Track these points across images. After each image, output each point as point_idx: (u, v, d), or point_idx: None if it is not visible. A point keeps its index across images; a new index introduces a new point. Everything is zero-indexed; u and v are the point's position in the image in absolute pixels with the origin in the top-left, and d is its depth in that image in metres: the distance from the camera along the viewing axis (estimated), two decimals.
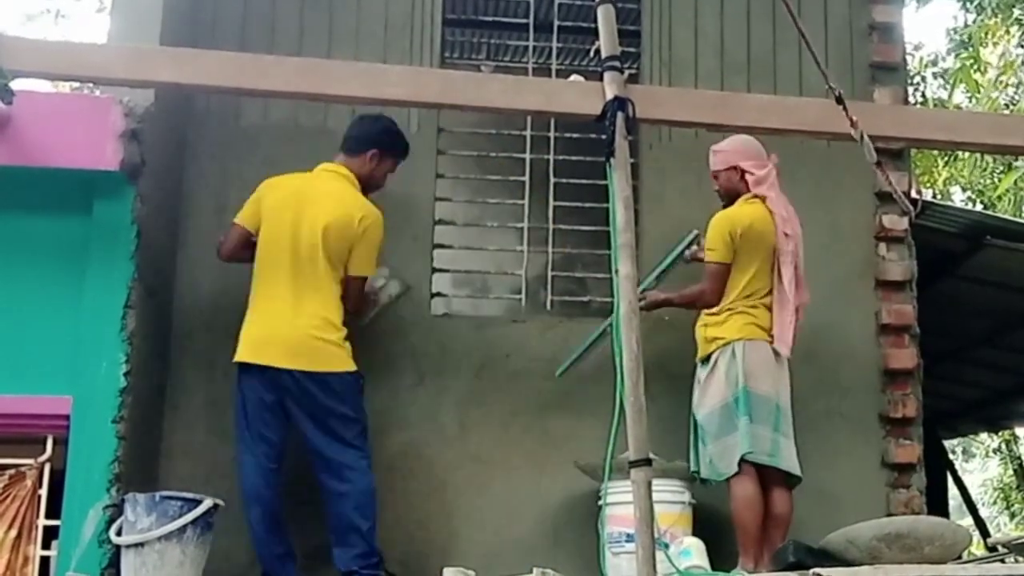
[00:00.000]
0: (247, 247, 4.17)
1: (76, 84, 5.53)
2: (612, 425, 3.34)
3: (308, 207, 4.08)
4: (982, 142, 4.22)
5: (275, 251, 4.08)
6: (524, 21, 5.22)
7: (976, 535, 9.59)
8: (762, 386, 4.09)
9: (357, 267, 4.11)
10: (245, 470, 4.04)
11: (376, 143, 4.24)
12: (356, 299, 4.18)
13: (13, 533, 3.80)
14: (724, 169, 4.34)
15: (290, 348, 3.99)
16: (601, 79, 3.53)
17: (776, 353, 4.15)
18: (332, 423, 3.99)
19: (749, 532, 3.98)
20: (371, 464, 4.01)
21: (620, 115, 3.44)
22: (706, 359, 4.21)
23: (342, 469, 3.97)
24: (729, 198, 4.37)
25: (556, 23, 5.19)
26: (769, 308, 4.19)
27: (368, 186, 4.25)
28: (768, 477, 4.07)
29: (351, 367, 4.04)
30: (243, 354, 4.05)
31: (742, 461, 4.01)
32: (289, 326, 4.00)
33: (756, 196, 4.25)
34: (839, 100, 3.60)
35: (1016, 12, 12.04)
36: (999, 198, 11.66)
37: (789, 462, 4.10)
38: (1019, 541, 3.94)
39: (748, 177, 4.27)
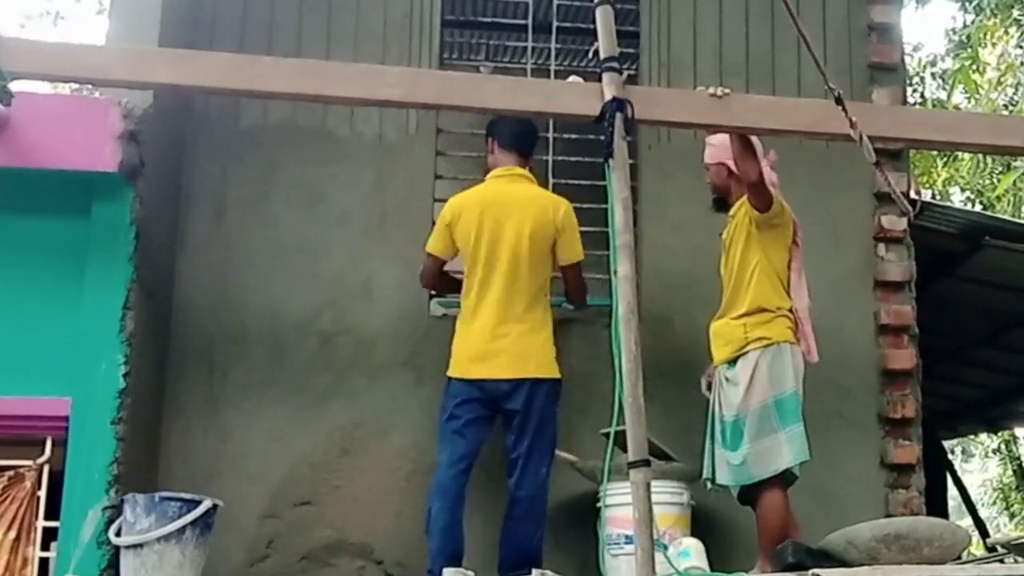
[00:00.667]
0: (444, 275, 4.31)
1: (75, 85, 5.52)
2: (611, 426, 3.34)
3: (506, 216, 4.15)
4: (981, 143, 4.22)
5: (478, 264, 4.14)
6: (523, 22, 5.22)
7: (975, 535, 9.59)
8: (800, 391, 4.03)
9: (569, 255, 4.22)
10: (440, 468, 4.07)
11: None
12: (577, 287, 4.31)
13: (12, 535, 3.80)
14: (714, 164, 4.26)
15: (505, 357, 4.05)
16: (600, 80, 3.54)
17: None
18: (531, 431, 4.03)
19: (776, 537, 3.86)
20: (550, 472, 4.05)
21: (619, 116, 3.44)
22: (736, 359, 4.03)
23: (527, 475, 4.00)
24: (719, 193, 4.29)
25: (555, 24, 5.19)
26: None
27: None
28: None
29: (557, 374, 4.12)
30: (464, 369, 4.11)
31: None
32: (503, 335, 4.07)
33: None
34: (839, 101, 3.60)
35: (1015, 13, 12.04)
36: (998, 198, 11.65)
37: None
38: (1018, 541, 3.93)
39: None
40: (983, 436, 15.13)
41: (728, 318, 4.14)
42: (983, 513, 13.42)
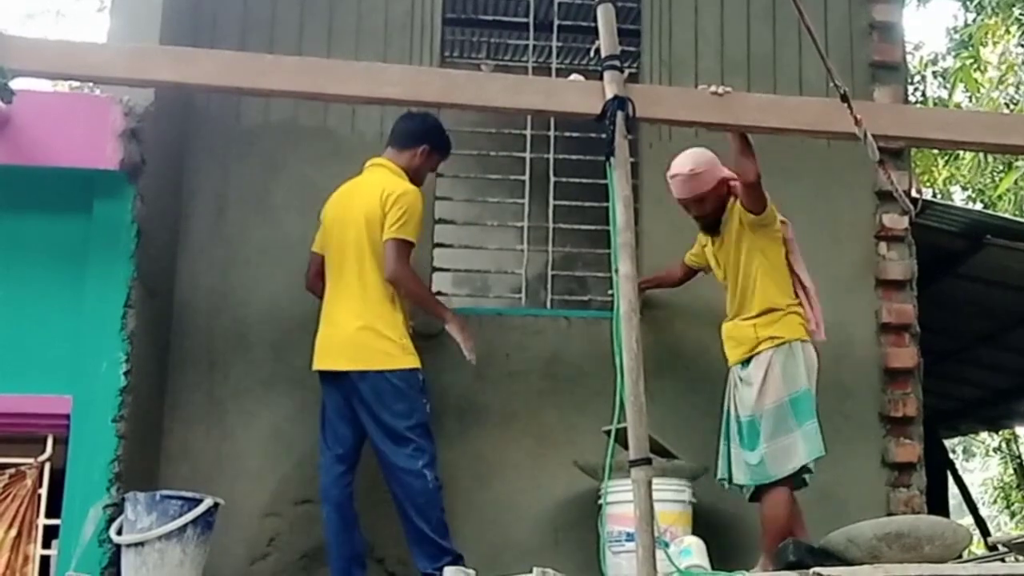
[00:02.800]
0: (317, 270, 4.24)
1: (76, 83, 5.52)
2: (611, 425, 3.34)
3: (350, 207, 4.14)
4: (982, 141, 4.22)
5: (330, 258, 4.17)
6: (524, 20, 5.23)
7: (976, 534, 9.58)
8: (814, 388, 4.05)
9: (387, 231, 4.02)
10: (320, 470, 4.12)
11: (426, 139, 4.24)
12: (391, 266, 4.00)
13: (13, 532, 3.80)
14: (714, 187, 4.12)
15: (343, 349, 4.04)
16: (601, 78, 3.54)
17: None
18: (385, 423, 3.99)
19: (781, 535, 3.88)
20: (431, 463, 3.96)
21: (620, 114, 3.44)
22: (751, 359, 4.04)
23: (396, 470, 3.98)
24: (716, 214, 4.17)
25: (556, 22, 5.19)
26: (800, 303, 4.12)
27: (412, 182, 4.23)
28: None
29: (402, 365, 4.00)
30: (314, 361, 4.13)
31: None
32: (342, 328, 4.05)
33: None
34: (844, 98, 3.60)
35: (1016, 11, 12.01)
36: (999, 197, 11.64)
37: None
38: (1019, 540, 3.93)
39: (733, 185, 4.14)
40: (984, 435, 15.13)
41: (739, 319, 4.14)
42: (984, 512, 13.40)
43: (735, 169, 4.00)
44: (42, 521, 3.87)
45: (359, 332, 4.01)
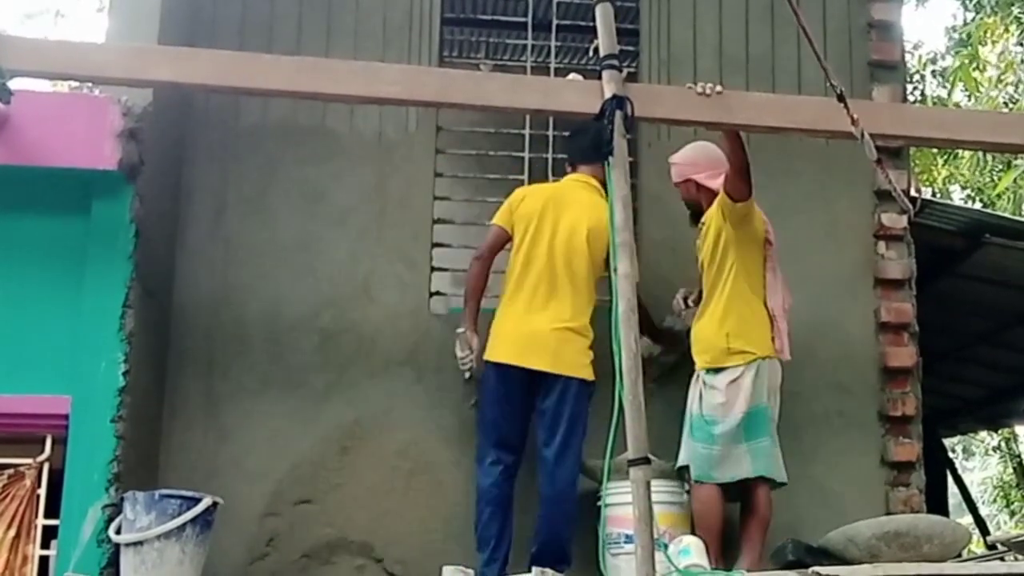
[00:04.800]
0: (499, 247, 4.36)
1: (74, 83, 5.51)
2: (611, 425, 3.34)
3: (565, 214, 4.24)
4: (981, 140, 4.21)
5: (533, 256, 4.23)
6: (523, 20, 5.22)
7: (976, 533, 9.59)
8: (773, 403, 4.10)
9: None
10: (482, 472, 4.19)
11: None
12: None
13: (12, 533, 3.81)
14: (681, 182, 4.35)
15: (545, 350, 4.11)
16: (599, 78, 3.53)
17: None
18: (566, 430, 4.09)
19: (711, 531, 3.99)
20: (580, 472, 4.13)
21: (618, 114, 3.44)
22: (720, 370, 4.08)
23: (561, 477, 4.08)
24: (693, 208, 4.35)
25: (555, 21, 5.18)
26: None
27: None
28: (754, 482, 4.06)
29: (592, 377, 4.12)
30: (497, 353, 4.17)
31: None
32: (546, 329, 4.12)
33: None
34: (840, 98, 3.60)
35: (1015, 10, 12.02)
36: (998, 196, 11.63)
37: (780, 473, 4.09)
38: (1019, 539, 3.93)
39: (709, 187, 4.22)
40: (983, 434, 15.12)
41: (708, 320, 4.16)
42: (983, 511, 13.40)
43: (728, 151, 4.02)
44: (41, 521, 3.88)
45: (564, 333, 4.12)
